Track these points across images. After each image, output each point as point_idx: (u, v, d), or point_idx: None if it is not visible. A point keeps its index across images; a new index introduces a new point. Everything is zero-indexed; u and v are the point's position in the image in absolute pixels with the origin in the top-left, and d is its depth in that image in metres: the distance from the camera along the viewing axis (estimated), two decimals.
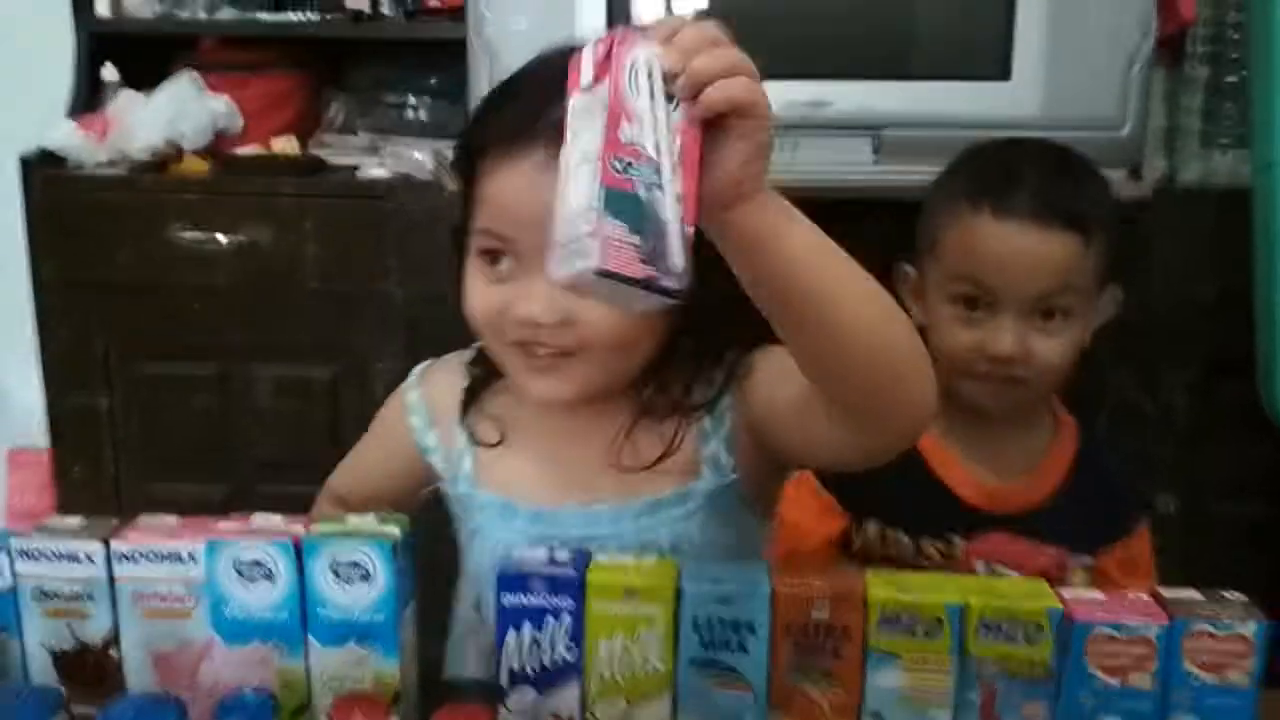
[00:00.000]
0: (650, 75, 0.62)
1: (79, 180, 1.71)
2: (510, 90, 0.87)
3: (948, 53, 1.48)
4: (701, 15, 1.52)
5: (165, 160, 1.73)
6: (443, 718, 0.68)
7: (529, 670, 0.76)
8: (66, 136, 1.70)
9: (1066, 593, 0.74)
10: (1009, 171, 1.09)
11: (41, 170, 1.70)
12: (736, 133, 0.63)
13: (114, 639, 0.80)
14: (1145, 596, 0.74)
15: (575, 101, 0.63)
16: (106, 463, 1.76)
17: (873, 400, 0.72)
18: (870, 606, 0.73)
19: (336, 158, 1.79)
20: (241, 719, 0.67)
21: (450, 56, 1.59)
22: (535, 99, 0.79)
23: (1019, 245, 1.06)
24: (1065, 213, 1.07)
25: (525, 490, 0.92)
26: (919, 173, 1.49)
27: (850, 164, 1.48)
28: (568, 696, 0.76)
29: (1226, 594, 0.76)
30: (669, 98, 0.62)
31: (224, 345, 1.73)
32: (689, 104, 0.62)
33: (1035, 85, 1.43)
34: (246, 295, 1.69)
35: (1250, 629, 0.71)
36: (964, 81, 1.46)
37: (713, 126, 0.63)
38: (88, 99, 1.80)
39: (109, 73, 1.81)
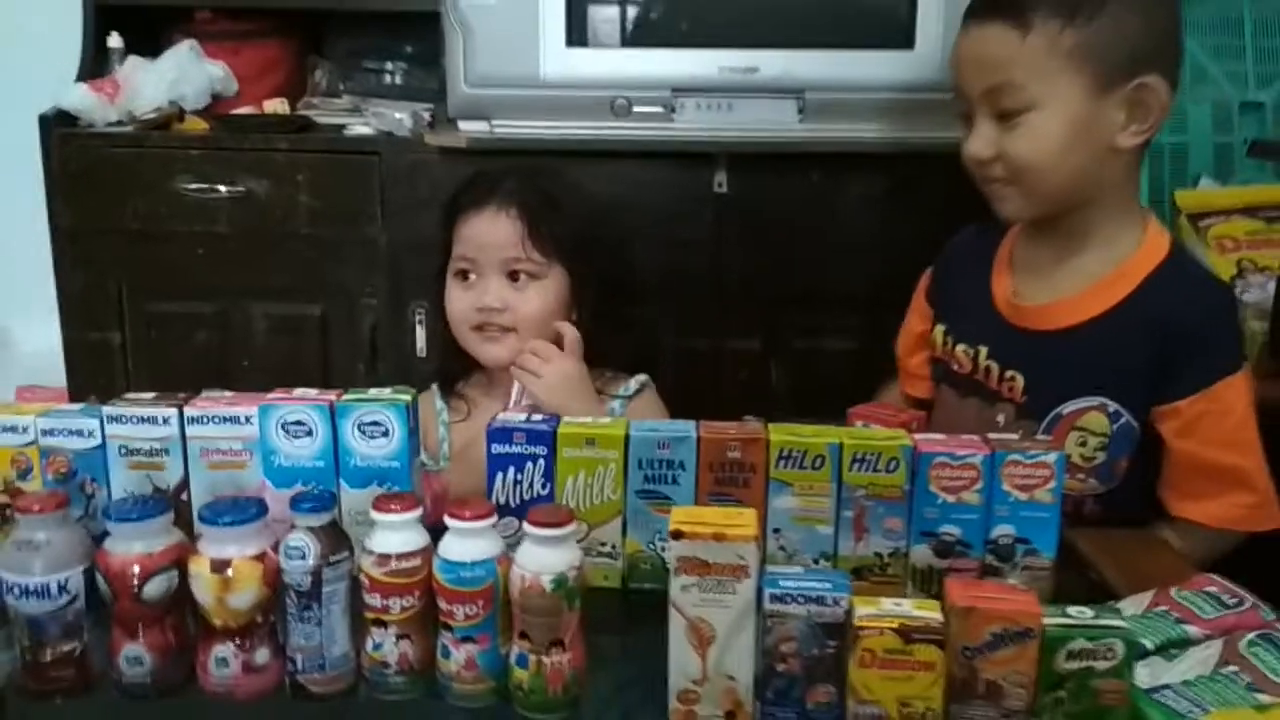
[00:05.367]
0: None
1: (92, 137, 1.86)
2: (476, 179, 1.41)
3: (861, 25, 1.71)
4: None
5: (169, 119, 1.91)
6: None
7: (513, 503, 0.99)
8: (79, 98, 1.86)
9: (917, 435, 0.98)
10: None
11: (58, 129, 1.85)
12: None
13: (185, 486, 1.01)
14: (975, 437, 0.98)
15: None
16: (118, 393, 1.94)
17: None
18: (772, 447, 0.97)
19: (323, 117, 1.98)
20: (314, 505, 0.88)
21: (425, 27, 1.79)
22: (491, 179, 1.38)
23: (963, 45, 1.13)
24: (997, 4, 1.09)
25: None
26: (839, 129, 1.73)
27: (778, 122, 1.70)
28: None
29: (1039, 437, 1.00)
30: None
31: (224, 286, 1.91)
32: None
33: (935, 53, 1.66)
34: (244, 241, 1.87)
35: (1051, 458, 0.96)
36: (875, 50, 1.69)
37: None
38: (95, 65, 1.96)
39: (114, 41, 1.98)
